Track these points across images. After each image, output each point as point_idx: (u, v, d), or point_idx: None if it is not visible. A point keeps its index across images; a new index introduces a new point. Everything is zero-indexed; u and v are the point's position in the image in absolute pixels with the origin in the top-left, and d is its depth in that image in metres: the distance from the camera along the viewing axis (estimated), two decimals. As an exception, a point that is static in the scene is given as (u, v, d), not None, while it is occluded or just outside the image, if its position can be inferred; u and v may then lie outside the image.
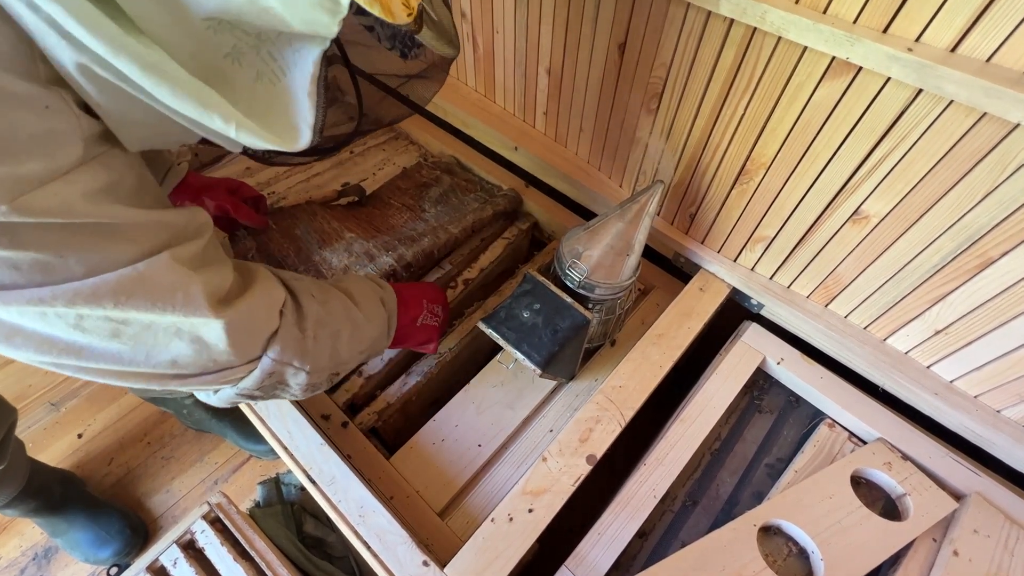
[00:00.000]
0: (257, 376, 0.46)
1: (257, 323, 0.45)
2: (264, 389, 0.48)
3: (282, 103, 0.38)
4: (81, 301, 0.35)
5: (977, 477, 0.64)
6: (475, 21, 0.87)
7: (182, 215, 0.41)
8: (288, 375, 0.49)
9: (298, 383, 0.50)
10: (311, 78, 0.37)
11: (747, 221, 0.71)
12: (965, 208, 0.52)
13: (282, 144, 0.38)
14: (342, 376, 0.56)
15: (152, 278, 0.37)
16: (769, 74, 0.56)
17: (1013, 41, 0.42)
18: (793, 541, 0.63)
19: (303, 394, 0.52)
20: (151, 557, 0.70)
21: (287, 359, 0.47)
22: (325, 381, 0.54)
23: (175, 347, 0.40)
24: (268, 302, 0.47)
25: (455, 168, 1.01)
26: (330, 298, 0.54)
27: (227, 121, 0.35)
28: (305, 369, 0.49)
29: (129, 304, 0.36)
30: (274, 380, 0.48)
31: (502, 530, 0.59)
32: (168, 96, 0.32)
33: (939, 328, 0.62)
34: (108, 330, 0.37)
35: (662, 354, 0.72)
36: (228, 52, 0.35)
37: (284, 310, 0.48)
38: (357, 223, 0.88)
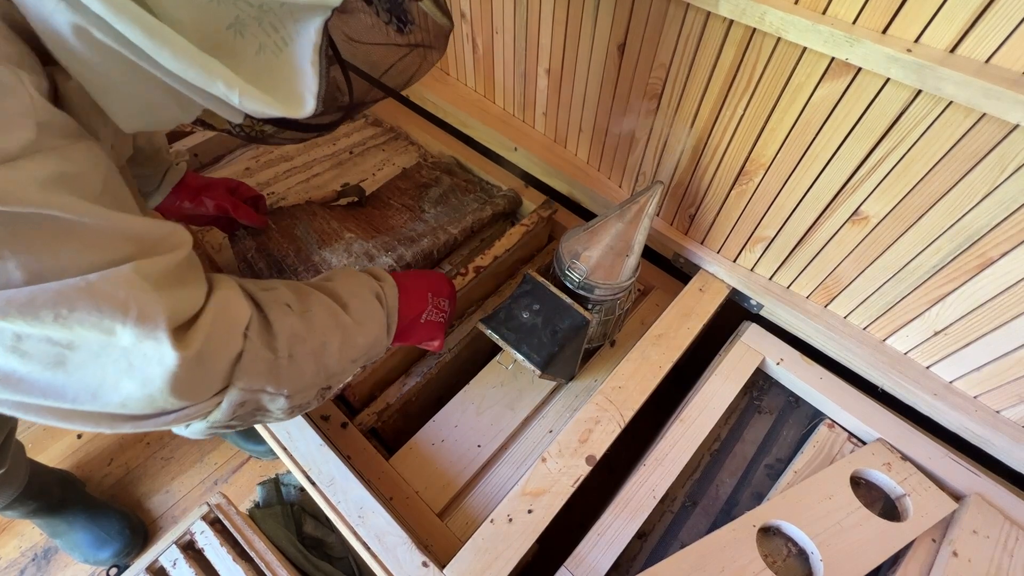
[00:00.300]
0: (226, 409, 0.41)
1: (215, 354, 0.38)
2: (241, 418, 0.43)
3: (285, 73, 0.38)
4: (15, 312, 0.29)
5: (976, 478, 0.64)
6: (475, 21, 0.87)
7: (157, 228, 0.36)
8: (264, 401, 0.43)
9: (279, 407, 0.45)
10: (314, 47, 0.37)
11: (747, 221, 0.71)
12: (964, 209, 0.52)
13: (287, 110, 0.37)
14: (338, 389, 0.52)
15: (104, 292, 0.32)
16: (768, 75, 0.56)
17: (1012, 42, 0.42)
18: (792, 542, 0.63)
19: (289, 416, 0.47)
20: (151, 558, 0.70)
21: (258, 386, 0.42)
22: (314, 399, 0.49)
23: (125, 386, 0.34)
24: (228, 324, 0.40)
25: (455, 168, 1.01)
26: (311, 305, 0.48)
27: (230, 87, 0.33)
28: (283, 393, 0.44)
29: (72, 319, 0.31)
30: (249, 409, 0.43)
31: (501, 531, 0.59)
32: (170, 59, 0.31)
33: (938, 329, 0.62)
34: (51, 356, 0.32)
35: (662, 354, 0.72)
36: (231, 24, 0.34)
37: (249, 332, 0.41)
38: (357, 223, 0.88)
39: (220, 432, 0.44)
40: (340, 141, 1.06)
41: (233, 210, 0.77)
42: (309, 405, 0.49)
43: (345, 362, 0.50)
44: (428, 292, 0.62)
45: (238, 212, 0.78)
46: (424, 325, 0.61)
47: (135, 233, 0.34)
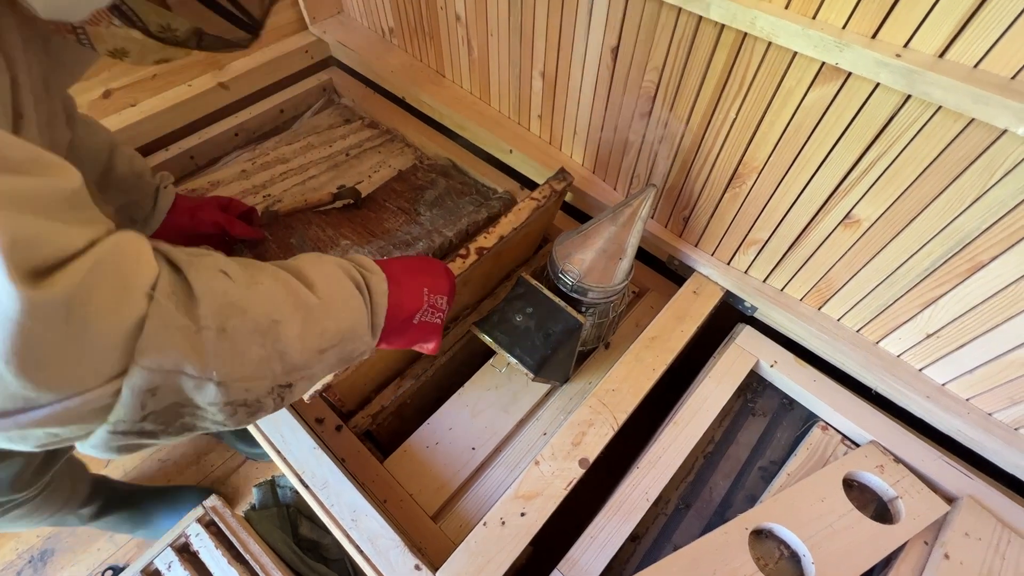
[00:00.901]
0: (131, 401, 0.29)
1: (98, 310, 0.27)
2: (158, 418, 0.31)
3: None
4: None
5: (969, 480, 0.64)
6: (470, 24, 0.87)
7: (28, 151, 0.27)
8: (187, 389, 0.31)
9: (210, 401, 0.33)
10: None
11: (740, 224, 0.71)
12: (954, 213, 0.52)
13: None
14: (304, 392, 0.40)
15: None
16: (760, 79, 0.56)
17: (1000, 47, 0.42)
18: (785, 544, 0.63)
19: (231, 419, 0.35)
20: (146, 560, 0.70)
21: (170, 364, 0.30)
22: (267, 397, 0.36)
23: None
24: (118, 275, 0.28)
25: (450, 171, 1.01)
26: (261, 278, 0.37)
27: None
28: (210, 378, 0.32)
29: None
30: (166, 402, 0.31)
31: (494, 534, 0.59)
32: None
33: (931, 331, 0.62)
34: None
35: (655, 357, 0.72)
36: None
37: (155, 292, 0.30)
38: (352, 228, 0.89)
39: (137, 443, 0.32)
40: (336, 143, 1.06)
41: (229, 227, 0.77)
42: (261, 406, 0.36)
43: (310, 352, 0.38)
44: (424, 288, 0.51)
45: (234, 228, 0.78)
46: (419, 327, 0.51)
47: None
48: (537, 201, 0.74)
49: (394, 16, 1.02)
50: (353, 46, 1.09)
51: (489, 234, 0.70)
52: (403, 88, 1.05)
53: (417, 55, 1.05)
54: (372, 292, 0.46)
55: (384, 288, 0.47)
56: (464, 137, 1.02)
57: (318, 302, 0.40)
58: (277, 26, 1.10)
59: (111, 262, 0.28)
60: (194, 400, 0.32)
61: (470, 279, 0.71)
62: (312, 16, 1.12)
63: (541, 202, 0.74)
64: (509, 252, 0.82)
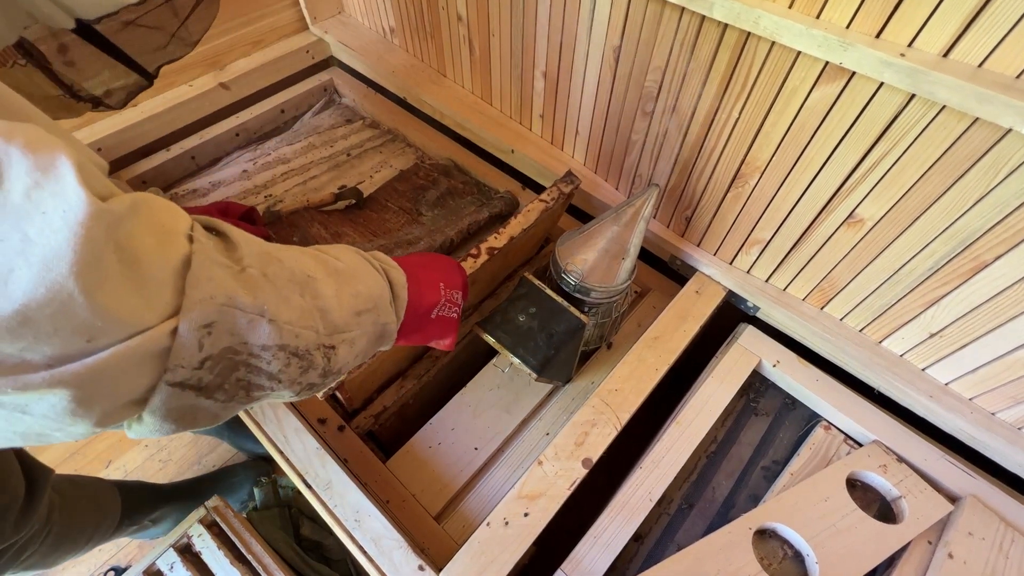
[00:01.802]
0: (189, 336, 0.27)
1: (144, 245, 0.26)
2: (214, 366, 0.29)
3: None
4: None
5: (972, 479, 0.64)
6: (471, 24, 0.87)
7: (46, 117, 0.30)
8: (241, 328, 0.30)
9: (264, 344, 0.31)
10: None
11: (743, 224, 0.71)
12: (958, 212, 0.52)
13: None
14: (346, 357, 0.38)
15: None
16: (763, 78, 0.56)
17: (1005, 46, 0.42)
18: (788, 544, 0.63)
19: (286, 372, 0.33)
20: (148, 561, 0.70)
21: (222, 293, 0.29)
22: (316, 351, 0.35)
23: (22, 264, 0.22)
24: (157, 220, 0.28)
25: (452, 170, 1.02)
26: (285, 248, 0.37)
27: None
28: (263, 313, 0.31)
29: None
30: (223, 344, 0.29)
31: (498, 534, 0.59)
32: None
33: (934, 331, 0.62)
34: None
35: (658, 357, 0.72)
36: None
37: (195, 234, 0.30)
38: (354, 227, 0.89)
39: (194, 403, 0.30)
40: (338, 143, 1.06)
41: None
42: (312, 361, 0.35)
43: (348, 312, 0.38)
44: (440, 282, 0.51)
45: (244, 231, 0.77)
46: (436, 321, 0.50)
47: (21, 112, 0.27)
48: (545, 203, 0.75)
49: (395, 16, 1.02)
50: (354, 46, 1.09)
51: (500, 234, 0.70)
52: (404, 88, 1.05)
53: (418, 55, 1.05)
54: (393, 284, 0.44)
55: (403, 281, 0.46)
56: (465, 137, 1.02)
57: (347, 267, 0.40)
58: (278, 26, 1.10)
59: (147, 205, 0.27)
60: (248, 341, 0.31)
61: (477, 279, 0.71)
62: (313, 16, 1.12)
63: (549, 204, 0.75)
64: (514, 252, 0.82)
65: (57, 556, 0.77)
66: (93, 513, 0.84)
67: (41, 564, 0.75)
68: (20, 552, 0.70)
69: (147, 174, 0.94)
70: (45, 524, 0.73)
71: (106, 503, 0.88)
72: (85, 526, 0.82)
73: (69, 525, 0.78)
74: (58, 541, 0.76)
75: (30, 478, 0.68)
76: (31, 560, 0.72)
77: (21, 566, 0.72)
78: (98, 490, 0.89)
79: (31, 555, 0.72)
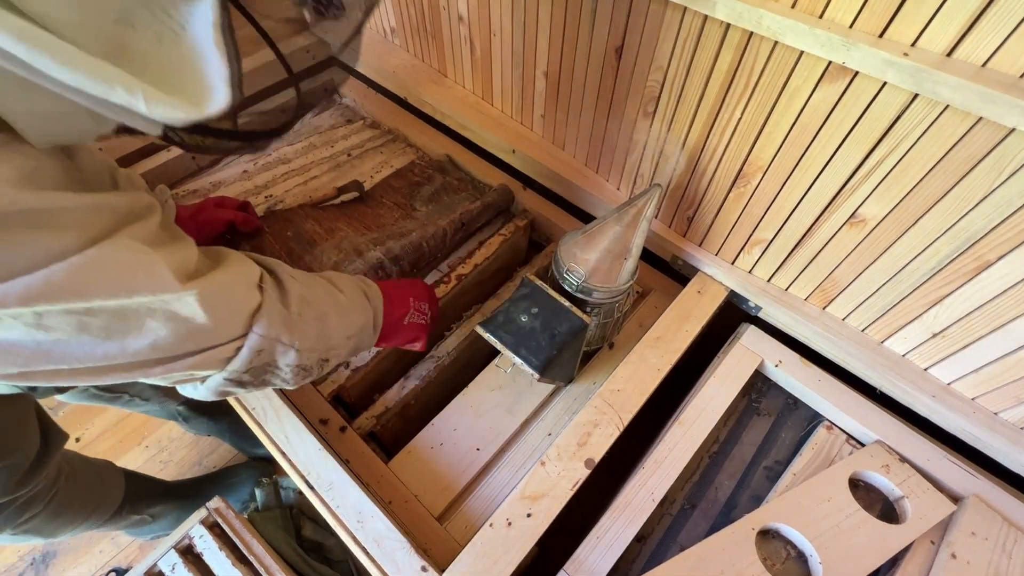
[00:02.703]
0: (245, 355, 0.45)
1: (234, 296, 0.43)
2: (253, 372, 0.47)
3: (191, 62, 0.34)
4: (35, 296, 0.32)
5: (975, 479, 0.64)
6: (472, 24, 0.87)
7: (123, 197, 0.38)
8: (277, 353, 0.47)
9: (288, 364, 0.49)
10: (213, 26, 0.33)
11: (745, 224, 0.71)
12: (961, 212, 0.52)
13: (198, 108, 0.33)
14: (331, 367, 0.56)
15: (107, 262, 0.34)
16: (766, 78, 0.56)
17: (1008, 46, 0.42)
18: (791, 544, 0.63)
19: (294, 379, 0.51)
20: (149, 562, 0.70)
21: (274, 334, 0.46)
22: (315, 366, 0.52)
23: (151, 329, 0.38)
24: (243, 276, 0.45)
25: (447, 166, 1.02)
26: (312, 282, 0.53)
27: (131, 92, 0.30)
28: (294, 346, 0.48)
29: (90, 292, 0.34)
30: (263, 360, 0.47)
31: (500, 535, 0.59)
32: (54, 67, 0.28)
33: (936, 331, 0.62)
34: (73, 324, 0.34)
35: (660, 357, 0.72)
36: (118, 16, 0.31)
37: (264, 285, 0.47)
38: (348, 222, 0.89)
39: (232, 390, 0.48)
40: (338, 143, 1.06)
41: (240, 224, 0.80)
42: (311, 371, 0.52)
43: (342, 336, 0.54)
44: (410, 296, 0.66)
45: (244, 225, 0.80)
46: (408, 326, 0.65)
47: (108, 206, 0.36)
48: (505, 236, 0.92)
49: (396, 16, 1.02)
50: (355, 46, 1.08)
51: (466, 263, 0.88)
52: (405, 88, 1.05)
53: (419, 55, 1.05)
54: (371, 299, 0.61)
55: (379, 295, 0.62)
56: (466, 137, 1.02)
57: (347, 302, 0.56)
58: (278, 26, 1.09)
59: (236, 269, 0.45)
60: (278, 361, 0.48)
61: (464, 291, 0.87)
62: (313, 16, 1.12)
63: (508, 236, 0.92)
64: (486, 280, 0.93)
65: (56, 525, 0.79)
66: (97, 488, 0.87)
67: (39, 530, 0.77)
68: (22, 510, 0.71)
69: (148, 174, 0.94)
70: (51, 487, 0.75)
71: (111, 482, 0.90)
72: (88, 499, 0.84)
73: (73, 494, 0.80)
74: (60, 508, 0.77)
75: (45, 437, 0.72)
76: (31, 523, 0.74)
77: (20, 527, 0.73)
78: (105, 468, 0.91)
79: (32, 517, 0.73)
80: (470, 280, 0.88)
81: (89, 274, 0.33)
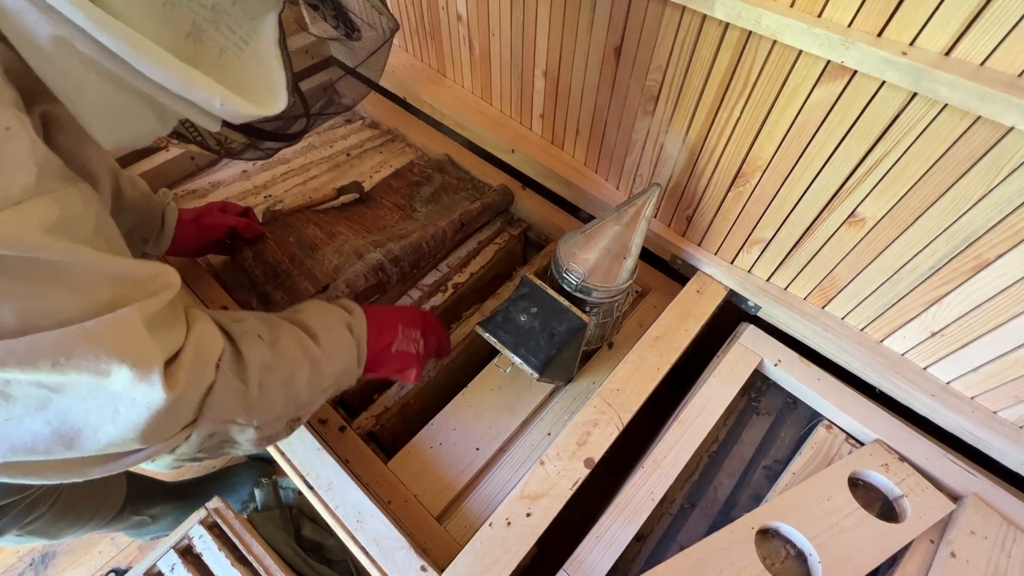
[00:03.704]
0: (195, 442, 0.41)
1: (190, 388, 0.39)
2: (208, 450, 0.43)
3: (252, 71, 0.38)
4: (13, 362, 0.29)
5: (974, 478, 0.64)
6: (471, 23, 0.87)
7: (145, 268, 0.37)
8: (233, 433, 0.44)
9: (247, 439, 0.45)
10: (275, 41, 0.38)
11: (744, 223, 0.71)
12: (960, 211, 0.52)
13: (264, 109, 0.38)
14: (308, 416, 0.53)
15: (102, 338, 0.32)
16: (765, 77, 0.56)
17: (1007, 45, 0.42)
18: (791, 543, 0.63)
19: (257, 447, 0.47)
20: (149, 563, 0.70)
21: (227, 416, 0.42)
22: (284, 429, 0.50)
23: (106, 429, 0.34)
24: (203, 358, 0.41)
25: (446, 166, 1.02)
26: (281, 336, 0.49)
27: (211, 93, 0.34)
28: (252, 424, 0.44)
29: (69, 365, 0.31)
30: (217, 440, 0.43)
31: (500, 534, 0.59)
32: (153, 68, 0.31)
33: (936, 330, 0.62)
34: (36, 400, 0.31)
35: (659, 356, 0.72)
36: (189, 31, 0.34)
37: (221, 362, 0.42)
38: (349, 225, 0.89)
39: (186, 464, 0.46)
40: (337, 143, 1.06)
41: (242, 229, 0.80)
42: (278, 436, 0.49)
43: (315, 392, 0.51)
44: (399, 323, 0.63)
45: (246, 231, 0.80)
46: (396, 355, 0.61)
47: (124, 274, 0.35)
48: (500, 245, 0.93)
49: (395, 15, 1.02)
50: (354, 46, 1.08)
51: (463, 272, 0.89)
52: (404, 88, 1.05)
53: (418, 55, 1.05)
54: (355, 329, 0.57)
55: (364, 323, 0.58)
56: (465, 137, 1.02)
57: (321, 354, 0.51)
58: (277, 26, 1.09)
59: (199, 349, 0.40)
60: (235, 439, 0.45)
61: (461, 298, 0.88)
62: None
63: (503, 245, 0.93)
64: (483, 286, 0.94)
65: (59, 527, 0.79)
66: (100, 490, 0.87)
67: (42, 532, 0.77)
68: (26, 512, 0.71)
69: (147, 174, 0.94)
70: (55, 489, 0.76)
71: (113, 484, 0.90)
72: (91, 501, 0.84)
73: (76, 496, 0.80)
74: (64, 510, 0.77)
75: None
76: (35, 525, 0.74)
77: (25, 529, 0.73)
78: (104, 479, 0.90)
79: (36, 519, 0.73)
80: (466, 287, 0.88)
81: (78, 348, 0.31)
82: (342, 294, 0.77)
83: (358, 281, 0.78)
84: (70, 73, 0.31)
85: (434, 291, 0.87)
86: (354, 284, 0.78)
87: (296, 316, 0.54)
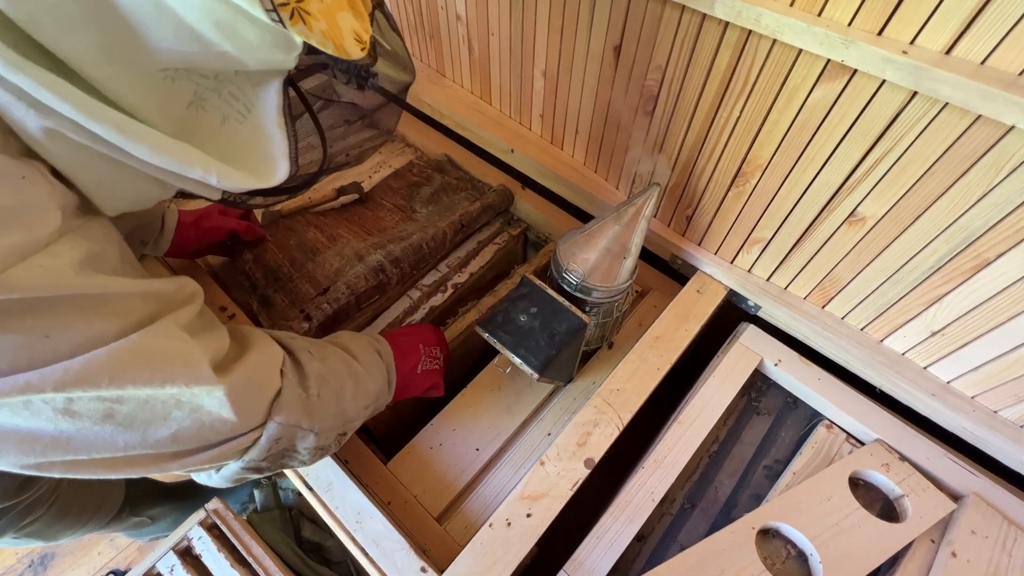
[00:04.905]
0: (264, 444, 0.43)
1: (258, 386, 0.42)
2: (271, 459, 0.45)
3: (254, 140, 0.38)
4: (72, 381, 0.31)
5: (975, 478, 0.64)
6: (470, 24, 0.87)
7: (170, 284, 0.40)
8: (297, 439, 0.46)
9: (306, 447, 0.47)
10: (277, 109, 0.38)
11: (744, 223, 0.71)
12: (961, 210, 0.52)
13: (261, 181, 0.38)
14: (349, 437, 0.54)
15: (149, 348, 0.35)
16: (764, 77, 0.56)
17: (1008, 44, 0.42)
18: (792, 543, 0.62)
19: (311, 459, 0.50)
20: (148, 564, 0.69)
21: (293, 421, 0.44)
22: (334, 443, 0.51)
23: (175, 421, 0.36)
24: (268, 363, 0.44)
25: (446, 166, 1.01)
26: (328, 354, 0.52)
27: (207, 170, 0.35)
28: (313, 430, 0.46)
29: (126, 379, 0.33)
30: (281, 447, 0.45)
31: (500, 535, 0.59)
32: (147, 153, 0.32)
33: (936, 329, 0.62)
34: (101, 412, 0.33)
35: (659, 356, 0.72)
36: (191, 100, 0.35)
37: (284, 369, 0.45)
38: (349, 227, 0.89)
39: (248, 476, 0.46)
40: (336, 144, 1.06)
41: (243, 232, 0.80)
42: (329, 449, 0.51)
43: (359, 408, 0.53)
44: (419, 343, 0.66)
45: (247, 233, 0.80)
46: (422, 375, 0.65)
47: (155, 293, 0.37)
48: (499, 245, 0.94)
49: (394, 16, 1.02)
50: (353, 46, 1.08)
51: (462, 272, 0.90)
52: (403, 88, 1.04)
53: (417, 54, 1.05)
54: (383, 355, 0.60)
55: (390, 350, 0.62)
56: (465, 137, 1.02)
57: (362, 370, 0.54)
58: (276, 26, 1.09)
59: (263, 355, 0.44)
60: (297, 446, 0.46)
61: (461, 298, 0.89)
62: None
63: (502, 245, 0.94)
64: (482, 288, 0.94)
65: (58, 529, 0.79)
66: (99, 491, 0.87)
67: (40, 534, 0.77)
68: (24, 514, 0.71)
69: (145, 175, 0.94)
70: (53, 491, 0.76)
71: (111, 485, 0.90)
72: (89, 502, 0.84)
73: (74, 498, 0.80)
74: (62, 511, 0.78)
75: None
76: (33, 527, 0.74)
77: (23, 531, 0.73)
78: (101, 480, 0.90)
79: (34, 521, 0.73)
80: (466, 288, 0.89)
81: (129, 359, 0.34)
82: (343, 295, 0.77)
83: (359, 283, 0.78)
84: (66, 156, 0.32)
85: (434, 291, 0.87)
86: (355, 286, 0.78)
87: (336, 339, 0.57)
